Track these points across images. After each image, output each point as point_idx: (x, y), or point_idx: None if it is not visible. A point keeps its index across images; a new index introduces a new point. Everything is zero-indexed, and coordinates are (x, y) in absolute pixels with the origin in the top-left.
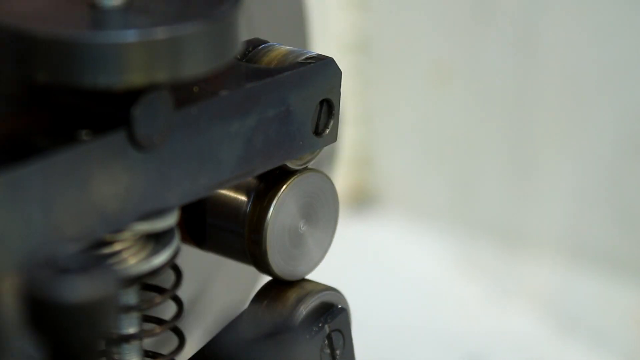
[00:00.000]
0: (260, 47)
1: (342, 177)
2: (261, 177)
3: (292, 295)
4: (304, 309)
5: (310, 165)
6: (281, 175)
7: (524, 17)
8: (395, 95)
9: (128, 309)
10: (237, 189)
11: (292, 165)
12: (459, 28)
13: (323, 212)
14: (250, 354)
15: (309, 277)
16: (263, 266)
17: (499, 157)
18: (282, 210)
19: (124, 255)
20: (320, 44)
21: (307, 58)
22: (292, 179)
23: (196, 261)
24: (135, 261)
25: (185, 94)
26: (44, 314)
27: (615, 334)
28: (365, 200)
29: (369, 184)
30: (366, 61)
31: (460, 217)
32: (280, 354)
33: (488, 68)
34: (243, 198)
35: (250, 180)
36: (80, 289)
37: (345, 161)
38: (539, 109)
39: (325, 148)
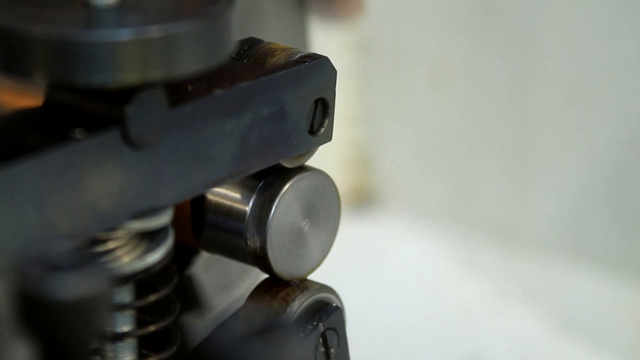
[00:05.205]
0: (255, 45)
1: (342, 177)
2: (262, 176)
3: (287, 293)
4: (298, 307)
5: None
6: (283, 174)
7: (525, 18)
8: (395, 95)
9: (122, 307)
10: (238, 188)
11: (287, 164)
12: (460, 28)
13: (324, 212)
14: (244, 352)
15: None
16: (264, 266)
17: (499, 157)
18: (283, 209)
19: (118, 253)
20: (320, 44)
21: (302, 57)
22: (294, 178)
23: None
24: (129, 259)
25: (179, 92)
26: (37, 311)
27: (615, 334)
28: (364, 200)
29: (368, 184)
30: (366, 61)
31: (460, 217)
32: (275, 352)
33: (488, 68)
34: (244, 197)
35: (251, 179)
36: (72, 286)
37: (345, 161)
38: (538, 109)
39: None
